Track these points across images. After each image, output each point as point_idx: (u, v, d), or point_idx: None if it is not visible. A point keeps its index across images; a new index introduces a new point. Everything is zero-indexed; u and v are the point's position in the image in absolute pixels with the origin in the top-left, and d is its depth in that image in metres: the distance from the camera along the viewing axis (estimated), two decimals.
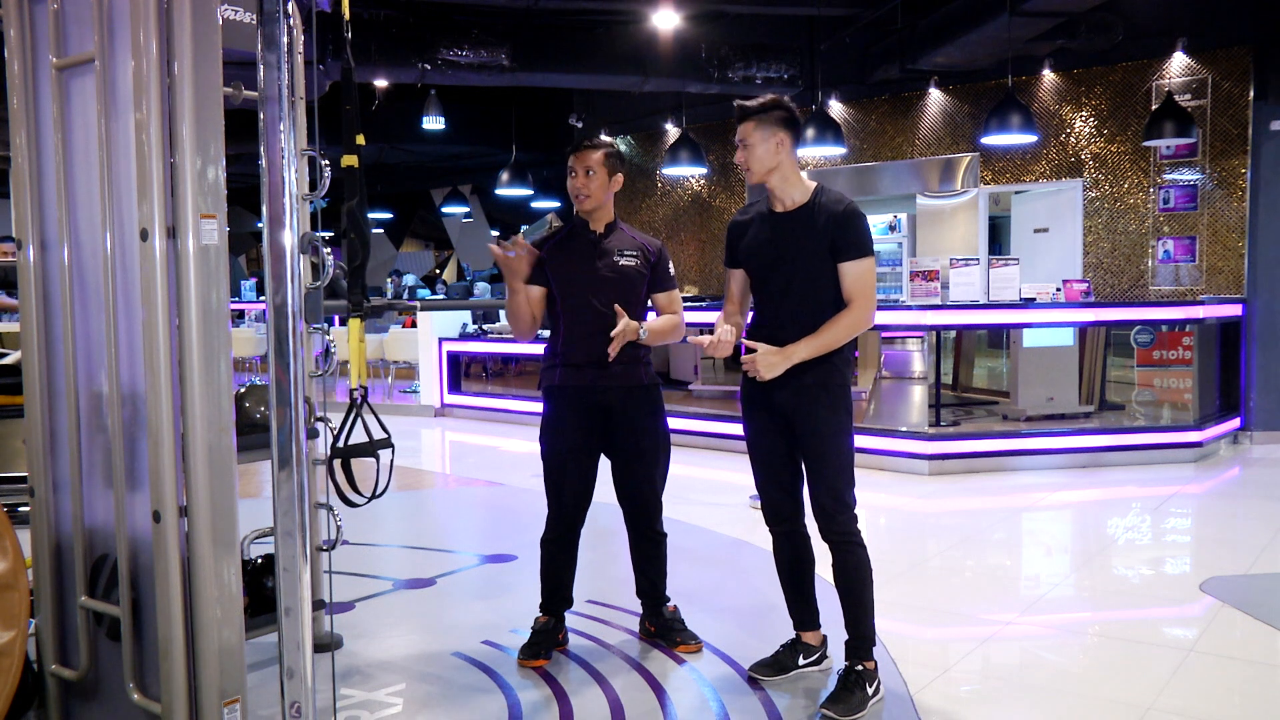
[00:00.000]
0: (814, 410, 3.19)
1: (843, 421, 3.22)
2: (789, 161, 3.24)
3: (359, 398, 2.93)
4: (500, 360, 10.68)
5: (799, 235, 3.21)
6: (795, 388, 3.20)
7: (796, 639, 3.47)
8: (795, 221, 3.23)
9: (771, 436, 3.31)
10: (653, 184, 11.81)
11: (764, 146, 3.21)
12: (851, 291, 3.17)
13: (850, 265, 3.16)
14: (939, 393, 7.53)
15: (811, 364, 3.17)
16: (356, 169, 2.85)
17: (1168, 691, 3.31)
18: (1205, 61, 8.21)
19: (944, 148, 9.61)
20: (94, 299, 2.59)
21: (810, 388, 3.19)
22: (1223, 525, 5.85)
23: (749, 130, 3.23)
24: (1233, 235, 8.17)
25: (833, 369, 3.20)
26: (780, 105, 3.23)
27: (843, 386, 3.23)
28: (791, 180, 3.25)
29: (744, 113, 3.24)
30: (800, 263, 3.20)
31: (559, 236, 3.62)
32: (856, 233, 3.16)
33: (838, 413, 3.20)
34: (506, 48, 8.79)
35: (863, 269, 3.17)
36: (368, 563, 4.87)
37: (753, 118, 3.22)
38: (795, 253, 3.21)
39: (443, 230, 21.03)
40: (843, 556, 3.22)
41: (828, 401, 3.19)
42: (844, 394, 3.23)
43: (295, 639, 2.32)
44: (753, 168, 3.25)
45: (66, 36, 2.59)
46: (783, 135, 3.21)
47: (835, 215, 3.17)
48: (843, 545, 3.21)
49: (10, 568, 2.56)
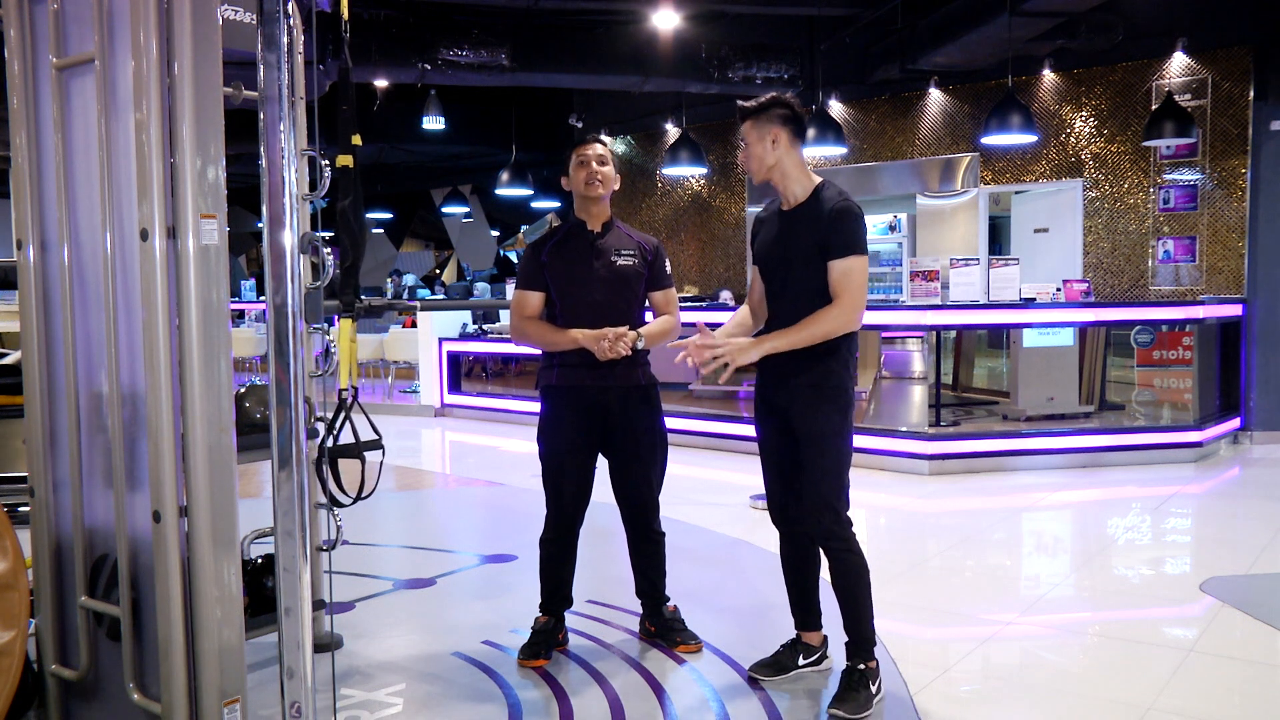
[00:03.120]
0: (806, 411, 3.17)
1: (835, 424, 3.16)
2: (789, 159, 3.21)
3: (348, 398, 2.93)
4: (500, 360, 10.68)
5: (796, 233, 3.20)
6: (790, 387, 3.19)
7: (797, 639, 3.47)
8: (795, 219, 3.22)
9: (776, 437, 3.31)
10: (652, 184, 11.80)
11: (760, 145, 3.20)
12: (835, 288, 3.11)
13: (836, 263, 3.10)
14: (939, 393, 7.53)
15: (807, 364, 3.14)
16: (351, 169, 2.84)
17: (1168, 691, 3.31)
18: (1205, 61, 8.21)
19: (944, 148, 9.61)
20: (94, 299, 2.59)
21: (804, 388, 3.17)
22: (1223, 525, 5.85)
23: (747, 130, 3.23)
24: (1233, 235, 8.17)
25: (828, 370, 3.16)
26: (778, 103, 3.21)
27: (838, 389, 3.17)
28: (793, 177, 3.23)
29: (742, 113, 3.24)
30: (795, 261, 3.18)
31: (557, 237, 3.62)
32: (845, 231, 3.11)
33: (830, 416, 3.15)
34: (506, 48, 8.79)
35: (848, 266, 3.10)
36: (368, 563, 4.87)
37: (750, 117, 3.21)
38: (793, 251, 3.19)
39: (443, 230, 21.04)
40: (835, 561, 3.20)
41: (820, 403, 3.16)
42: (838, 396, 3.17)
43: (295, 639, 2.32)
44: (750, 167, 3.24)
45: (66, 36, 2.59)
46: (779, 132, 3.18)
47: (826, 212, 3.14)
48: (833, 550, 3.19)
49: (10, 568, 2.56)
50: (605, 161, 3.55)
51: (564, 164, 3.62)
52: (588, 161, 3.53)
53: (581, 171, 3.54)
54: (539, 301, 3.59)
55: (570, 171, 3.57)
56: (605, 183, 3.54)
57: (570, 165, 3.58)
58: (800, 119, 3.24)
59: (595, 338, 3.41)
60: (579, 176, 3.55)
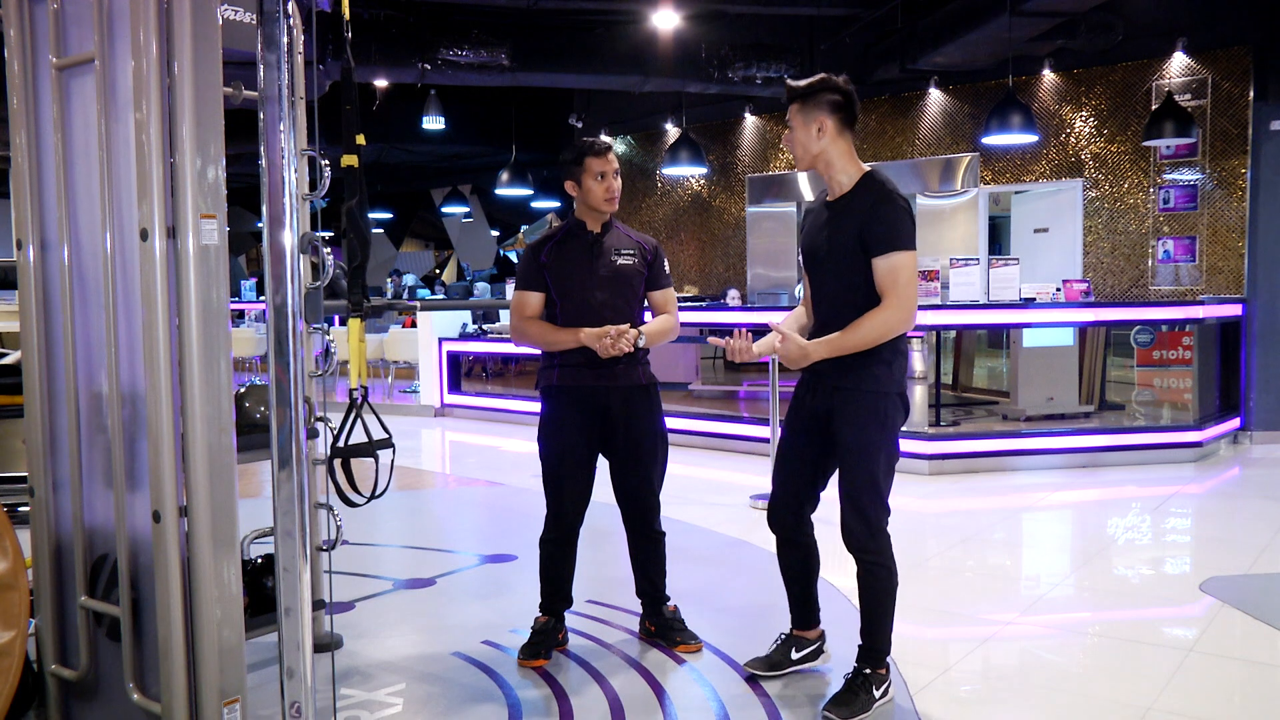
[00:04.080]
0: (847, 419, 3.01)
1: (875, 435, 2.99)
2: (835, 147, 3.02)
3: (359, 398, 2.93)
4: (500, 360, 10.69)
5: (840, 226, 3.00)
6: (830, 390, 3.04)
7: (791, 633, 3.44)
8: (839, 212, 3.02)
9: (801, 439, 3.18)
10: (653, 184, 11.81)
11: (804, 131, 3.01)
12: (882, 287, 2.91)
13: (879, 261, 2.91)
14: (939, 393, 7.53)
15: (851, 368, 2.98)
16: (356, 169, 2.84)
17: (1168, 691, 3.31)
18: (1205, 61, 8.21)
19: (944, 148, 9.62)
20: (94, 299, 2.59)
21: (847, 392, 3.00)
22: (1223, 525, 5.85)
23: (793, 113, 3.03)
24: (1233, 235, 8.17)
25: (873, 376, 2.98)
26: (828, 86, 3.00)
27: (882, 395, 2.98)
28: (838, 166, 3.03)
29: (790, 94, 3.03)
30: (835, 258, 3.00)
31: (557, 237, 3.61)
32: (887, 223, 2.91)
33: (870, 425, 2.99)
34: (506, 48, 8.79)
35: (893, 264, 2.90)
36: (368, 563, 4.87)
37: (797, 100, 3.02)
38: (835, 245, 3.00)
39: (443, 230, 21.04)
40: (865, 573, 3.10)
41: (862, 411, 2.99)
42: (883, 403, 2.98)
43: (295, 639, 2.32)
44: (795, 153, 3.07)
45: (66, 36, 2.59)
46: (826, 120, 2.99)
47: (867, 205, 2.94)
48: (865, 563, 3.09)
49: (10, 568, 2.56)
50: (619, 173, 3.56)
51: (568, 167, 3.54)
52: (606, 176, 3.49)
53: (601, 185, 3.49)
54: (539, 302, 3.59)
55: (583, 180, 3.50)
56: (618, 195, 3.55)
57: (583, 174, 3.50)
58: (851, 104, 3.03)
59: (597, 336, 3.41)
60: (598, 189, 3.49)
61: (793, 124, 3.05)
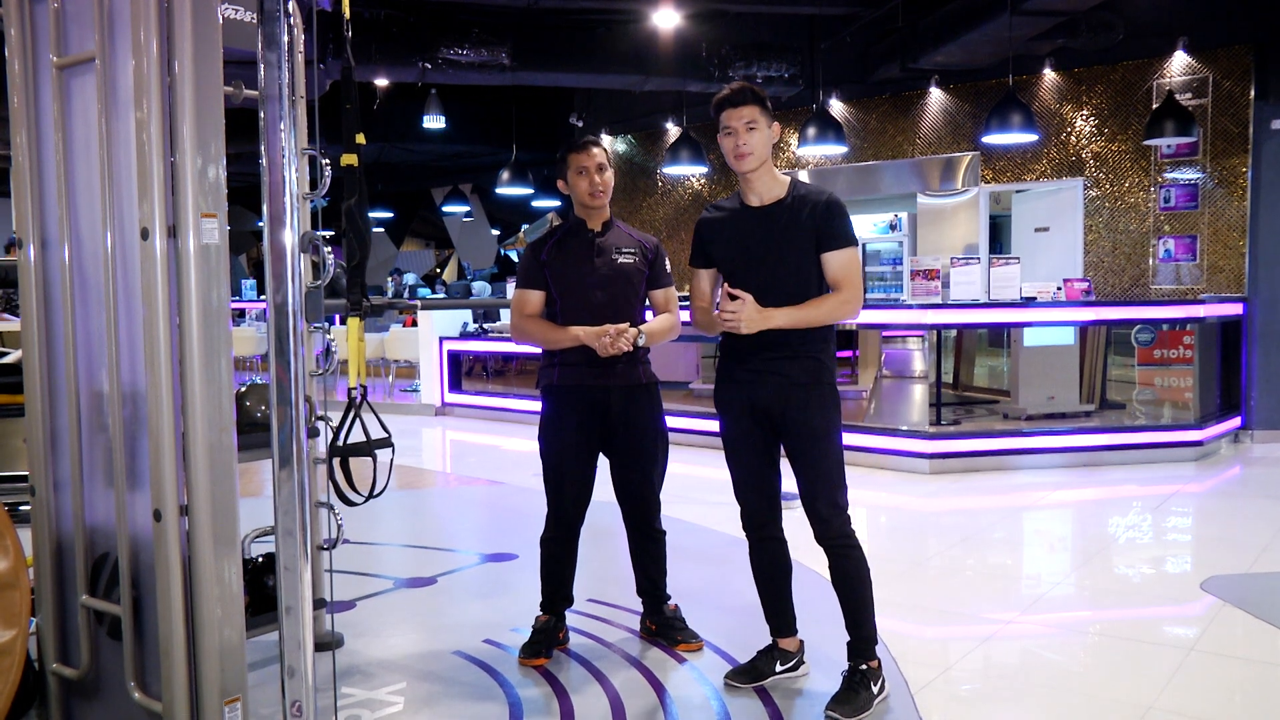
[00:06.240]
0: (804, 410, 3.14)
1: (834, 421, 3.17)
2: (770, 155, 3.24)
3: (358, 397, 2.93)
4: (501, 359, 10.68)
5: (783, 230, 3.15)
6: (781, 385, 3.14)
7: (773, 645, 3.43)
8: (776, 216, 3.17)
9: (753, 439, 3.24)
10: (653, 183, 11.80)
11: (764, 135, 3.15)
12: (838, 279, 3.13)
13: (836, 254, 3.13)
14: (940, 392, 7.53)
15: (800, 361, 3.13)
16: (356, 168, 2.84)
17: (1168, 691, 3.31)
18: (1206, 60, 8.20)
19: (945, 147, 9.61)
20: (95, 298, 2.59)
21: (800, 386, 3.14)
22: (1223, 524, 5.85)
23: (755, 114, 3.13)
24: (1233, 234, 8.17)
25: (822, 367, 3.16)
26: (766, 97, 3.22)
27: (832, 386, 3.19)
28: (773, 173, 3.22)
29: (754, 96, 3.14)
30: (786, 259, 3.15)
31: (557, 236, 3.61)
32: (841, 222, 3.14)
33: (828, 413, 3.15)
34: (507, 47, 8.79)
35: (848, 257, 3.14)
36: (368, 561, 4.87)
37: (760, 105, 3.14)
38: (780, 249, 3.15)
39: (443, 229, 21.05)
40: (840, 560, 3.18)
41: (818, 401, 3.14)
42: (833, 393, 3.19)
43: (296, 638, 2.33)
44: (754, 153, 3.13)
45: (67, 35, 2.59)
46: (776, 126, 3.19)
47: (818, 206, 3.14)
48: (840, 549, 3.17)
49: (11, 566, 2.57)
50: (605, 168, 3.53)
51: (558, 165, 3.58)
52: (588, 171, 3.50)
53: (583, 181, 3.51)
54: (539, 300, 3.59)
55: (569, 178, 3.54)
56: (607, 190, 3.54)
57: (568, 171, 3.53)
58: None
59: (596, 334, 3.41)
60: (581, 185, 3.51)
61: (756, 124, 3.14)
